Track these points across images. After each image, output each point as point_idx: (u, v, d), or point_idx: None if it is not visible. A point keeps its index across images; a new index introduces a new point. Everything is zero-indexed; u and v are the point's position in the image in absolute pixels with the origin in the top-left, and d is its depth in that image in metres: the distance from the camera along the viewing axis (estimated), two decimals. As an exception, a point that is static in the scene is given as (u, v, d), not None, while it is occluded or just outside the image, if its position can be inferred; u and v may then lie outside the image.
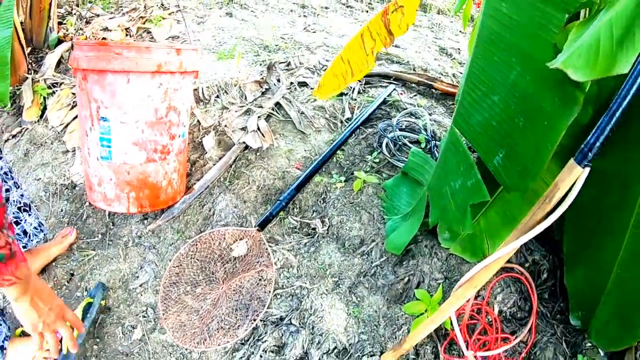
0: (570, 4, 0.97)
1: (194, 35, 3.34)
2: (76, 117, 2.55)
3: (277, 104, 2.38)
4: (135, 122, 1.66)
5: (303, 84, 2.60)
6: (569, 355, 1.50)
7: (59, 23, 3.42)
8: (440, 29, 4.57)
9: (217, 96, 2.46)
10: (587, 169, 0.95)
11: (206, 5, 4.23)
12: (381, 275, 1.74)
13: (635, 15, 0.91)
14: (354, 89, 2.63)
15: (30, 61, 3.01)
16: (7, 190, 1.56)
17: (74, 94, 2.63)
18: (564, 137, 1.02)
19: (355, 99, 2.52)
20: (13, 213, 1.61)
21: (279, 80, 2.56)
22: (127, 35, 3.40)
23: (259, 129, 2.19)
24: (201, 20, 3.85)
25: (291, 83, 2.55)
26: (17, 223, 1.64)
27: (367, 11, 4.65)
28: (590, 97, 1.21)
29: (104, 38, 3.23)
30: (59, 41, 3.20)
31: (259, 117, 2.26)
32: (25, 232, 1.68)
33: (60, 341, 1.09)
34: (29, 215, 1.69)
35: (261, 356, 1.57)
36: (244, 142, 2.13)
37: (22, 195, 1.65)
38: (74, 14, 3.73)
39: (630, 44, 0.91)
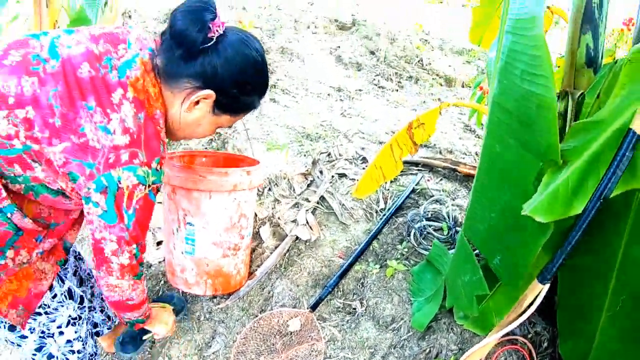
0: (543, 156, 1.34)
1: (246, 125, 3.84)
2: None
3: (321, 197, 2.83)
4: (215, 228, 2.12)
5: (342, 175, 3.05)
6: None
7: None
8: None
9: (269, 189, 2.92)
10: (547, 285, 1.36)
11: (253, 90, 4.75)
12: (408, 347, 2.14)
13: (586, 171, 1.32)
14: (387, 179, 3.07)
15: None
16: None
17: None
18: (551, 236, 1.37)
19: (388, 189, 2.96)
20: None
21: (321, 172, 3.02)
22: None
23: (307, 222, 2.65)
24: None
25: (332, 176, 3.00)
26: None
27: (396, 90, 5.10)
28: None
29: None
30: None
31: (306, 210, 2.71)
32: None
33: None
34: None
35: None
36: (295, 235, 2.58)
37: None
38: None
39: (583, 192, 1.32)
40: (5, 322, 1.51)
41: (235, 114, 1.51)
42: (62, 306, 1.62)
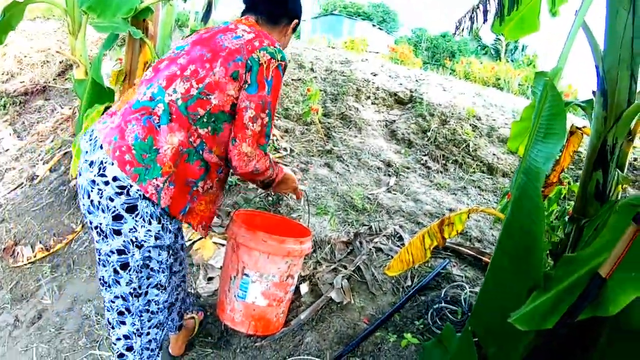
0: (532, 280, 1.76)
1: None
2: (200, 238, 3.54)
3: (358, 267, 3.26)
4: (266, 282, 2.56)
5: (379, 250, 3.48)
6: None
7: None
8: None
9: (314, 251, 3.37)
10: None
11: (309, 152, 5.23)
12: (410, 410, 2.52)
13: (561, 298, 1.70)
14: (416, 258, 3.47)
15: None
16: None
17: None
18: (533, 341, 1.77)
19: (417, 269, 3.36)
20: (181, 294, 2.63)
21: (361, 244, 3.46)
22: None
23: (342, 287, 3.07)
24: (304, 168, 4.82)
25: (370, 249, 3.43)
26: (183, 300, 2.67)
27: (441, 172, 5.49)
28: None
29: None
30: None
31: (343, 276, 3.14)
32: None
33: None
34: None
35: None
36: (330, 296, 3.01)
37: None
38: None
39: (555, 313, 1.69)
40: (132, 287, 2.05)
41: (296, 30, 2.28)
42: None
